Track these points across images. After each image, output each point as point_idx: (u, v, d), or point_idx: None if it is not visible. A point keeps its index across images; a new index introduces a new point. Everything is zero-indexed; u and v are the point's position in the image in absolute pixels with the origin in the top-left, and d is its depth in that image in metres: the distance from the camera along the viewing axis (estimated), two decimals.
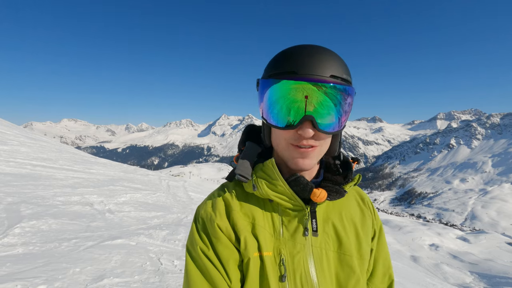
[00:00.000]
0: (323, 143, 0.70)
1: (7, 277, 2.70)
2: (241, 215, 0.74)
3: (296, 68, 0.64)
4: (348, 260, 0.74)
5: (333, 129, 0.68)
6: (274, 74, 0.67)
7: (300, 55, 0.65)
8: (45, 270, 2.93)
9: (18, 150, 11.40)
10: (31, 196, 5.94)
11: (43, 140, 17.60)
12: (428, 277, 11.66)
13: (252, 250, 0.70)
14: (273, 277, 0.69)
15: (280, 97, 0.65)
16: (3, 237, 3.67)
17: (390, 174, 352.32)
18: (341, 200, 0.80)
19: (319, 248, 0.73)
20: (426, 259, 34.16)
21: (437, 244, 43.12)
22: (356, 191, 0.89)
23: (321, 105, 0.64)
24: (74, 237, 4.09)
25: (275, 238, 0.73)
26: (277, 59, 0.68)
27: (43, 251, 3.45)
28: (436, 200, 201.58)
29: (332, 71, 0.64)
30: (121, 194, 7.78)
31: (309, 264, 0.71)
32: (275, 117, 0.68)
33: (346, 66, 0.70)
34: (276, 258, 0.71)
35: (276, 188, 0.71)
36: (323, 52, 0.66)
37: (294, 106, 0.64)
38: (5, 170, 7.98)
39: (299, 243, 0.72)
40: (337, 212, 0.79)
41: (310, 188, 0.71)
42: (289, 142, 0.68)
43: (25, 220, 4.41)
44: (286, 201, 0.72)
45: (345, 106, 0.67)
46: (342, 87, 0.64)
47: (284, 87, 0.64)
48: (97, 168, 12.02)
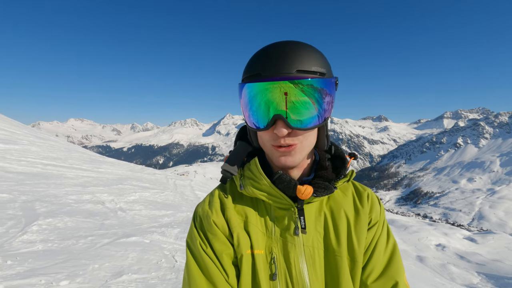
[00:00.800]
0: (303, 139, 0.69)
1: (31, 273, 2.79)
2: (235, 213, 0.76)
3: (260, 69, 0.64)
4: (338, 261, 0.72)
5: (310, 124, 0.66)
6: (245, 78, 0.68)
7: (265, 55, 0.65)
8: (66, 266, 3.03)
9: (29, 150, 11.60)
10: (44, 195, 6.07)
11: (51, 140, 17.86)
12: (437, 276, 11.60)
13: (245, 247, 0.72)
14: (264, 275, 0.70)
15: (250, 100, 0.66)
16: (22, 234, 3.78)
17: (396, 173, 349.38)
18: (336, 198, 0.79)
19: (311, 247, 0.72)
20: (432, 259, 33.84)
21: (443, 244, 42.66)
22: (356, 188, 0.85)
23: (290, 102, 0.63)
24: (89, 234, 4.19)
25: (267, 237, 0.73)
26: (248, 62, 0.69)
27: (61, 248, 3.55)
28: (442, 200, 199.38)
29: (297, 66, 0.63)
30: (130, 193, 7.89)
31: (301, 263, 0.71)
32: (251, 120, 0.69)
33: (318, 57, 0.67)
34: (267, 256, 0.71)
35: (261, 186, 0.72)
36: (286, 48, 0.65)
37: (265, 108, 0.65)
38: (17, 169, 8.14)
39: (290, 242, 0.72)
40: (331, 210, 0.77)
41: (294, 185, 0.71)
42: (270, 143, 0.69)
43: (41, 218, 4.52)
44: (273, 200, 0.73)
45: (320, 99, 0.65)
46: (309, 81, 0.62)
47: (251, 90, 0.65)
48: (105, 167, 12.18)
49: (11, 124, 18.53)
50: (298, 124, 0.65)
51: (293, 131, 0.66)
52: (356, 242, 0.74)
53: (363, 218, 0.78)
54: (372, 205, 0.82)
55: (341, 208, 0.78)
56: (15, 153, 10.08)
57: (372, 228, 0.80)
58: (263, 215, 0.76)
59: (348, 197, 0.81)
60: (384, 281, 0.75)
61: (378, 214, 0.82)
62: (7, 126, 16.39)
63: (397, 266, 0.78)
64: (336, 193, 0.81)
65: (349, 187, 0.84)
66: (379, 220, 0.81)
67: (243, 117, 0.73)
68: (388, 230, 0.83)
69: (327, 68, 0.68)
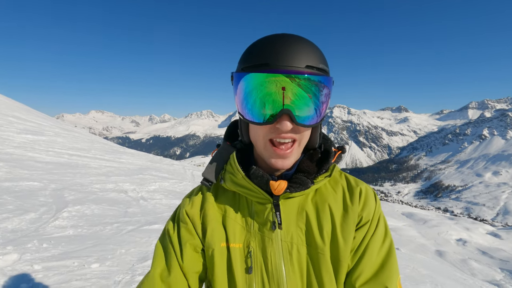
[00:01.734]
0: (302, 136, 0.68)
1: (65, 255, 2.99)
2: (214, 206, 0.78)
3: (269, 59, 0.61)
4: (320, 258, 0.70)
5: (311, 121, 0.65)
6: (247, 67, 0.64)
7: (273, 45, 0.62)
8: (95, 250, 3.22)
9: (55, 141, 12.17)
10: (72, 183, 6.40)
11: (75, 131, 18.62)
12: (457, 272, 11.34)
13: (219, 240, 0.73)
14: (239, 268, 0.71)
15: (254, 91, 0.63)
16: (54, 219, 4.03)
17: (416, 166, 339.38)
18: (324, 193, 0.76)
19: (290, 243, 0.71)
20: (452, 254, 32.95)
21: (465, 239, 41.37)
22: (349, 183, 0.80)
23: (297, 98, 0.62)
24: (115, 221, 4.41)
25: (247, 231, 0.74)
26: (250, 50, 0.65)
27: (90, 233, 3.77)
28: (465, 193, 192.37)
29: (307, 61, 0.62)
30: (150, 183, 8.15)
31: (278, 258, 0.70)
32: (250, 112, 0.65)
33: (322, 55, 0.67)
34: (244, 250, 0.72)
35: (238, 180, 0.72)
36: (297, 41, 0.63)
37: (269, 100, 0.62)
38: (45, 159, 8.58)
39: (268, 236, 0.71)
40: (316, 206, 0.75)
41: (267, 180, 0.70)
42: (267, 138, 0.67)
43: (71, 205, 4.79)
44: (250, 194, 0.73)
45: (321, 97, 0.64)
46: (317, 78, 0.62)
47: (257, 80, 0.62)
48: (126, 158, 12.60)
49: (37, 116, 19.46)
50: (302, 120, 0.64)
51: (295, 127, 0.65)
52: (342, 241, 0.71)
53: (351, 216, 0.74)
54: (365, 202, 0.76)
55: (326, 203, 0.74)
56: (43, 144, 10.62)
57: (363, 227, 0.75)
58: (244, 209, 0.76)
59: (337, 192, 0.77)
60: (373, 286, 0.70)
61: (371, 212, 0.76)
62: (35, 118, 17.24)
63: (390, 270, 0.73)
64: (324, 188, 0.77)
65: (340, 182, 0.80)
66: (372, 218, 0.76)
67: (237, 108, 0.69)
68: (386, 229, 0.77)
69: (328, 67, 0.68)
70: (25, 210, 4.17)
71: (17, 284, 2.39)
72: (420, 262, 9.68)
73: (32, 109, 22.66)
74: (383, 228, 0.77)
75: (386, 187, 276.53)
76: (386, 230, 0.78)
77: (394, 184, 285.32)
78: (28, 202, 4.57)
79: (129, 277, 2.79)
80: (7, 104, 19.70)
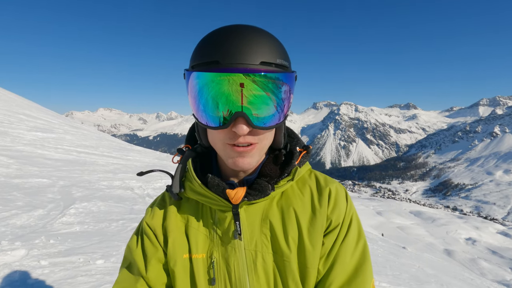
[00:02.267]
0: (263, 138, 0.62)
1: (71, 251, 3.05)
2: (176, 216, 0.73)
3: (219, 56, 0.54)
4: (287, 266, 0.66)
5: (271, 122, 0.59)
6: (197, 65, 0.57)
7: (225, 41, 0.55)
8: (101, 247, 3.27)
9: (64, 138, 12.40)
10: (79, 180, 6.51)
11: (84, 129, 18.92)
12: (465, 271, 11.17)
13: (181, 251, 0.69)
14: (203, 280, 0.67)
15: (204, 91, 0.56)
16: (62, 216, 4.11)
17: (424, 164, 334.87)
18: (290, 196, 0.71)
19: (254, 251, 0.67)
20: (461, 253, 32.55)
21: (474, 238, 40.79)
22: (318, 183, 0.74)
23: (253, 97, 0.55)
24: (120, 218, 4.47)
25: (210, 240, 0.69)
26: (200, 46, 0.59)
27: (96, 230, 3.83)
28: (475, 192, 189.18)
29: (262, 57, 0.55)
30: (157, 180, 8.23)
31: (241, 268, 0.66)
32: (203, 115, 0.59)
33: (281, 48, 0.60)
34: (208, 260, 0.68)
35: (196, 189, 0.68)
36: (251, 34, 0.56)
37: (223, 100, 0.55)
38: (54, 156, 8.76)
39: (230, 245, 0.67)
40: (281, 210, 0.69)
41: (223, 189, 0.65)
42: (224, 142, 0.61)
43: (78, 202, 4.87)
44: (210, 203, 0.68)
45: (282, 95, 0.58)
46: (274, 76, 0.55)
47: (207, 80, 0.55)
48: (133, 155, 12.76)
49: (47, 114, 19.83)
50: (259, 122, 0.57)
51: (254, 130, 0.59)
52: (310, 247, 0.66)
53: (319, 220, 0.68)
54: (335, 204, 0.70)
55: (291, 208, 0.69)
56: (52, 141, 10.83)
57: (333, 231, 0.69)
58: (207, 218, 0.71)
59: (304, 194, 0.71)
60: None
61: (341, 215, 0.70)
62: (44, 116, 17.57)
63: (364, 275, 0.68)
64: (291, 190, 0.72)
65: (308, 183, 0.74)
66: (343, 221, 0.70)
67: (192, 111, 0.62)
68: (359, 231, 0.72)
69: (288, 62, 0.61)
70: (33, 207, 4.26)
71: (24, 279, 2.45)
72: (427, 261, 9.58)
73: (42, 107, 23.10)
74: (356, 230, 0.71)
75: (394, 185, 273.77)
76: (360, 231, 0.72)
77: (402, 182, 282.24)
78: (37, 199, 4.67)
79: None
80: (17, 102, 20.12)
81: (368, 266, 0.70)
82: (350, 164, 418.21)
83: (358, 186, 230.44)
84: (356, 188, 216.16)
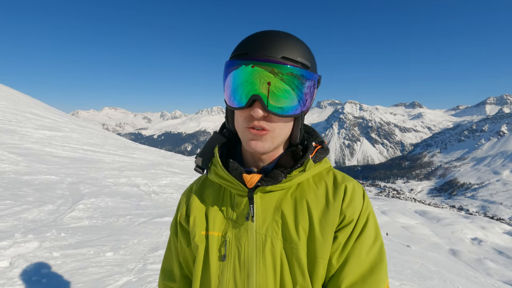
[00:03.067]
0: (276, 127, 0.68)
1: (81, 244, 3.16)
2: (201, 196, 0.84)
3: (248, 49, 0.65)
4: (294, 253, 0.70)
5: (287, 112, 0.66)
6: (232, 57, 0.69)
7: (253, 37, 0.66)
8: (110, 240, 3.37)
9: (70, 136, 12.57)
10: (87, 177, 6.63)
11: (89, 127, 19.15)
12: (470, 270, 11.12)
13: (200, 229, 0.78)
14: (215, 255, 0.75)
15: (233, 77, 0.66)
16: (71, 211, 4.22)
17: (429, 163, 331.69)
18: (304, 188, 0.76)
19: (264, 235, 0.72)
20: (467, 253, 32.28)
21: (480, 238, 40.40)
22: (335, 179, 0.77)
23: (274, 86, 0.63)
24: (128, 213, 4.57)
25: (226, 221, 0.77)
26: (238, 44, 0.70)
27: (105, 224, 3.93)
28: (481, 191, 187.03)
29: (284, 53, 0.64)
30: (162, 178, 8.34)
31: (251, 248, 0.72)
32: (228, 98, 0.69)
33: (306, 50, 0.68)
34: (221, 239, 0.76)
35: (219, 172, 0.75)
36: (278, 34, 0.66)
37: (246, 86, 0.65)
38: (62, 154, 8.91)
39: (244, 227, 0.74)
40: (294, 201, 0.74)
41: (240, 173, 0.72)
42: (243, 125, 0.69)
43: (86, 198, 4.99)
44: (229, 186, 0.75)
45: (301, 89, 0.66)
46: (293, 69, 0.63)
47: (236, 67, 0.65)
48: (138, 153, 12.90)
49: (54, 113, 20.09)
50: (275, 109, 0.65)
51: (269, 116, 0.66)
52: (320, 237, 0.70)
53: (332, 213, 0.71)
54: (351, 200, 0.73)
55: (304, 199, 0.74)
56: (59, 139, 11.00)
57: (347, 227, 0.72)
58: (227, 200, 0.79)
59: (319, 188, 0.75)
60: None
61: (356, 211, 0.73)
62: (51, 115, 17.82)
63: (379, 275, 0.70)
64: (306, 184, 0.77)
65: (324, 178, 0.78)
66: (358, 219, 0.73)
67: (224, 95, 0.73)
68: (376, 231, 0.74)
69: (312, 63, 0.69)
70: (43, 202, 4.38)
71: (38, 269, 2.55)
72: (431, 259, 9.56)
73: (48, 106, 23.41)
74: (373, 230, 0.74)
75: (399, 184, 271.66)
76: (377, 232, 0.74)
77: (407, 182, 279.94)
78: (46, 195, 4.79)
79: (141, 265, 2.93)
80: (25, 101, 20.42)
81: (384, 266, 0.72)
82: (355, 163, 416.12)
83: (363, 185, 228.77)
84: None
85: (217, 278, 0.74)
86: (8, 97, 18.92)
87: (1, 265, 2.51)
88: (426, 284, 5.26)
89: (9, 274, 2.41)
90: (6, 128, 9.98)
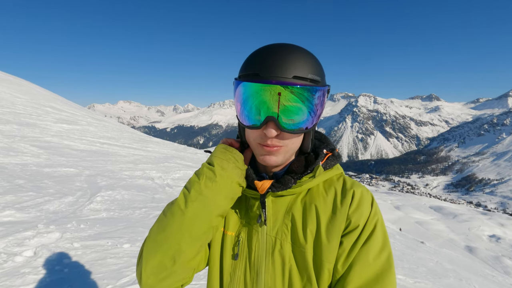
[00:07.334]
0: (289, 142, 0.71)
1: (99, 236, 3.27)
2: None
3: (258, 70, 0.66)
4: (302, 255, 0.74)
5: (299, 129, 0.69)
6: (242, 76, 0.69)
7: (264, 56, 0.67)
8: (126, 232, 3.48)
9: (88, 130, 12.93)
10: (103, 170, 6.83)
11: (105, 121, 19.62)
12: (487, 268, 10.84)
13: (220, 226, 0.82)
14: (228, 253, 0.80)
15: (245, 98, 0.68)
16: (90, 203, 4.37)
17: (446, 157, 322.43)
18: (314, 194, 0.78)
19: (274, 237, 0.76)
20: (484, 250, 31.39)
21: (498, 236, 39.14)
22: (343, 186, 0.79)
23: (285, 105, 0.65)
24: (143, 206, 4.69)
25: (240, 222, 0.82)
26: (247, 60, 0.71)
27: (121, 217, 4.06)
28: (501, 187, 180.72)
29: (295, 72, 0.65)
30: (175, 171, 8.49)
31: (261, 249, 0.77)
32: (241, 117, 0.71)
33: (314, 64, 0.69)
34: (235, 238, 0.80)
35: None
36: (286, 52, 0.67)
37: (258, 107, 0.66)
38: (80, 147, 9.19)
39: (255, 229, 0.78)
40: (304, 206, 0.77)
41: (252, 180, 0.76)
42: (256, 141, 0.71)
43: (103, 190, 5.15)
44: (245, 191, 0.79)
45: (312, 105, 0.68)
46: (305, 88, 0.65)
47: (247, 89, 0.67)
48: (152, 147, 13.15)
49: (71, 106, 20.68)
50: (288, 127, 0.67)
51: (282, 133, 0.69)
52: (326, 241, 0.72)
53: (339, 218, 0.73)
54: (358, 206, 0.74)
55: (313, 204, 0.76)
56: (77, 133, 11.34)
57: (352, 232, 0.72)
58: (242, 203, 0.83)
59: (328, 194, 0.78)
60: None
61: (362, 217, 0.73)
62: (69, 109, 18.36)
63: (384, 283, 0.69)
64: (316, 189, 0.79)
65: (334, 184, 0.80)
66: (365, 225, 0.73)
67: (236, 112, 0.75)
68: (384, 240, 0.74)
69: (321, 76, 0.70)
70: (63, 194, 4.55)
71: (60, 259, 2.67)
72: (446, 256, 9.37)
73: (66, 100, 24.11)
74: (380, 238, 0.73)
75: (413, 179, 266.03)
76: (385, 240, 0.74)
77: (422, 177, 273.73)
78: (66, 187, 4.97)
79: None
80: (44, 95, 21.10)
81: (392, 276, 0.71)
82: (368, 157, 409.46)
83: (376, 180, 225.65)
84: (374, 181, 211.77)
85: (229, 275, 0.79)
86: (29, 91, 19.60)
87: (27, 254, 2.64)
88: (441, 283, 5.17)
89: (34, 263, 2.53)
90: (27, 122, 10.36)
